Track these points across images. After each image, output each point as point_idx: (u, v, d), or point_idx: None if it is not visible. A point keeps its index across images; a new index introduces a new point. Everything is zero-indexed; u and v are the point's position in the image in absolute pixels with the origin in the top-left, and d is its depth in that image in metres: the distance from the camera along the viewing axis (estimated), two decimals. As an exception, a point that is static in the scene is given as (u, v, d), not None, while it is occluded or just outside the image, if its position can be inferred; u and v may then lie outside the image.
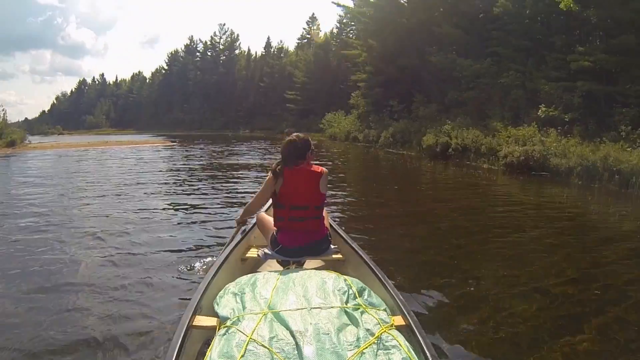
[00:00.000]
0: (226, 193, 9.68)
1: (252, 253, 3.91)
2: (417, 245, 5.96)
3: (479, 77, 21.49)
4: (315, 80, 49.14)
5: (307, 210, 3.56)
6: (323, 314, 2.26)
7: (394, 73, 27.62)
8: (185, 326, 2.37)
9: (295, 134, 3.71)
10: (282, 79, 58.99)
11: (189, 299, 2.76)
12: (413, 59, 26.47)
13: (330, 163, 16.08)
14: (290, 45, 73.49)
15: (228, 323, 2.29)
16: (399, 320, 2.42)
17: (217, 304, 2.55)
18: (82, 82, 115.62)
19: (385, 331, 2.18)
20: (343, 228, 4.22)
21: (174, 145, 32.48)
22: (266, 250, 3.70)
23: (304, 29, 66.52)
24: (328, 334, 2.10)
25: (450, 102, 22.85)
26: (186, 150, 26.33)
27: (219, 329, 2.31)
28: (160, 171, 14.33)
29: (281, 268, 3.67)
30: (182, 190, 10.50)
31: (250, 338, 2.09)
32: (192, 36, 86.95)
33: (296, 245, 3.58)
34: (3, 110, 43.97)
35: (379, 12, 29.41)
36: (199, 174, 13.59)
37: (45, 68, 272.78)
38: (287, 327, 2.17)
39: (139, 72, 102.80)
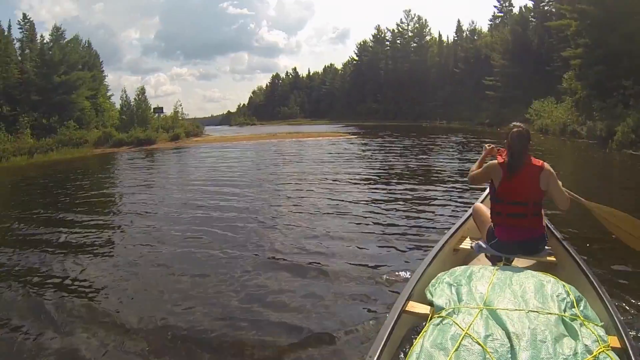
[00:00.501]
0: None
1: (465, 244, 3.97)
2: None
3: None
4: (515, 63, 43.18)
5: (527, 207, 3.49)
6: (541, 319, 2.18)
7: (619, 44, 21.56)
8: (399, 310, 2.57)
9: (517, 123, 3.69)
10: (478, 63, 53.64)
11: (403, 285, 3.07)
12: (645, 21, 20.28)
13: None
14: (483, 25, 67.31)
15: (443, 313, 2.32)
16: (614, 341, 2.23)
17: (431, 293, 2.63)
18: (276, 77, 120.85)
19: (603, 351, 2.02)
20: (560, 230, 4.04)
21: (354, 138, 31.43)
22: (480, 243, 3.76)
23: (495, 6, 60.03)
24: (545, 341, 2.03)
25: None
26: (366, 145, 24.60)
27: (431, 318, 2.38)
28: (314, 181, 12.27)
29: (489, 263, 3.78)
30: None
31: (466, 333, 2.09)
32: (378, 25, 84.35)
33: (513, 240, 3.53)
34: (180, 105, 48.40)
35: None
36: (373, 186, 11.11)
37: (243, 68, 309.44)
38: (504, 327, 2.14)
39: (331, 64, 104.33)
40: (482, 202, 4.41)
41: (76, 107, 38.50)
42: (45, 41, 40.20)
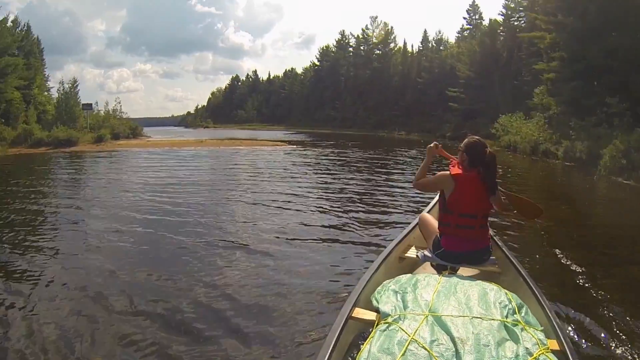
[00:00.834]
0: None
1: (411, 253, 4.08)
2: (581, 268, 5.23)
3: None
4: (482, 75, 41.25)
5: (476, 219, 3.56)
6: (484, 324, 2.25)
7: (600, 58, 19.47)
8: (346, 317, 2.62)
9: (473, 136, 3.74)
10: (442, 74, 51.91)
11: (349, 292, 3.13)
12: (629, 36, 18.46)
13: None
14: (450, 36, 65.73)
15: (389, 320, 2.38)
16: (553, 344, 2.34)
17: (377, 299, 2.67)
18: (235, 79, 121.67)
19: (543, 353, 2.13)
20: (502, 240, 4.26)
21: (294, 148, 29.07)
22: (426, 252, 3.84)
23: (465, 18, 58.69)
24: (488, 345, 2.11)
25: None
26: (306, 157, 22.04)
27: (378, 324, 2.43)
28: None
29: (434, 272, 3.77)
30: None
31: (412, 338, 2.16)
32: (343, 31, 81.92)
33: (459, 251, 3.59)
34: (119, 102, 45.12)
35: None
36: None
37: (207, 68, 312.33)
38: (448, 333, 2.20)
39: (292, 68, 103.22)
40: (428, 212, 4.48)
41: (2, 98, 33.96)
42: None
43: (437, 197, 4.50)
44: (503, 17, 43.89)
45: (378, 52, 72.21)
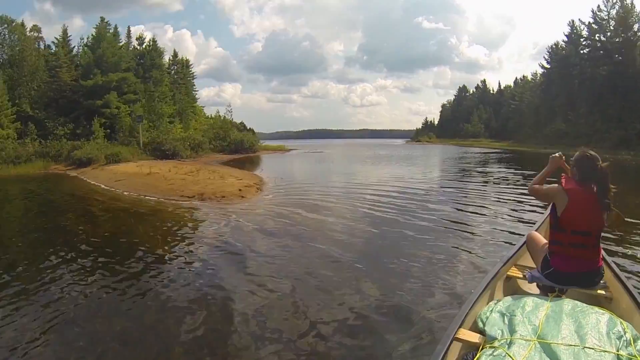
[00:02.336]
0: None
1: (517, 273, 3.83)
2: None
3: None
4: None
5: (590, 237, 3.34)
6: (595, 356, 2.12)
7: None
8: (450, 338, 2.50)
9: (585, 149, 3.50)
10: None
11: (454, 312, 3.25)
12: None
13: None
14: None
15: (495, 344, 2.28)
16: None
17: (482, 321, 2.60)
18: (462, 89, 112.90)
19: None
20: (616, 263, 3.83)
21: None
22: (533, 273, 3.61)
23: None
24: None
25: None
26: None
27: (483, 347, 2.34)
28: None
29: (538, 291, 3.59)
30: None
31: None
32: (572, 21, 62.72)
33: (569, 271, 3.38)
34: (230, 109, 52.84)
35: None
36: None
37: (446, 82, 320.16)
38: None
39: (523, 76, 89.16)
40: (537, 230, 4.22)
41: (105, 113, 36.58)
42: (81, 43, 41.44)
43: (546, 215, 4.24)
44: None
45: (618, 40, 53.90)
